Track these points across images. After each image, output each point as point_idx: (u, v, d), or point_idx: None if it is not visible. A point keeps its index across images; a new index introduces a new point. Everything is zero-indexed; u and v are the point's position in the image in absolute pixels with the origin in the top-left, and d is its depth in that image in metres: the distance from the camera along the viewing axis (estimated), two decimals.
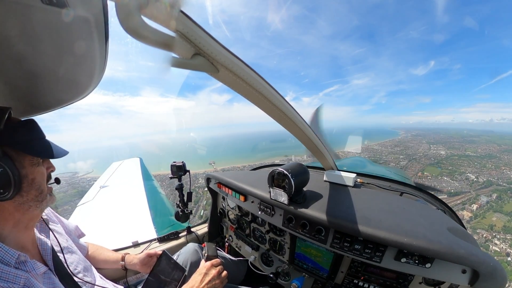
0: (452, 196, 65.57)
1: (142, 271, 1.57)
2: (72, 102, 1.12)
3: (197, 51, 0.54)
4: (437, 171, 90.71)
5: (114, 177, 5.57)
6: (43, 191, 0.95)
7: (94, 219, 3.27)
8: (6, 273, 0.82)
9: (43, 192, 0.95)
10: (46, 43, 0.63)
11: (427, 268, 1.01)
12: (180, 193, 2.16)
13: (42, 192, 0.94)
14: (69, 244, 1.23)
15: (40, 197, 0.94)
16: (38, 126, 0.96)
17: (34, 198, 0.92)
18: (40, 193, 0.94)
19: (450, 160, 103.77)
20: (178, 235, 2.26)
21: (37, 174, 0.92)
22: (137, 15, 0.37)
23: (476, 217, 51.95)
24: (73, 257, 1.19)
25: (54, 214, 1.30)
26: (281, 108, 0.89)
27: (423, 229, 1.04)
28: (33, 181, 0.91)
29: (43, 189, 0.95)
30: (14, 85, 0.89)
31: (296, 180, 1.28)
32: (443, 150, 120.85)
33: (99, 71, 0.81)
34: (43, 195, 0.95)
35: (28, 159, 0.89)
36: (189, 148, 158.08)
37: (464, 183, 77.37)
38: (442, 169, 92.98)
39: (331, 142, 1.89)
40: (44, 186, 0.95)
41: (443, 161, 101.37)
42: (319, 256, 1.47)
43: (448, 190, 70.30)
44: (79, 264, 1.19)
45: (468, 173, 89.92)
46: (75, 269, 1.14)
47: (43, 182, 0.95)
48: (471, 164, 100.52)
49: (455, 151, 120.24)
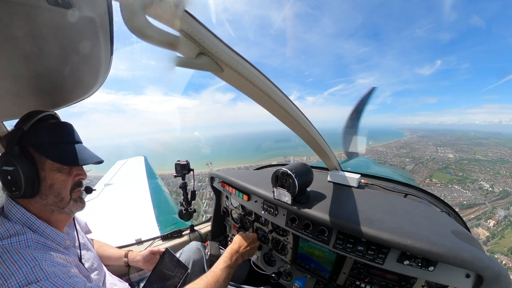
0: (465, 208, 56.82)
1: (144, 268, 1.58)
2: (78, 101, 1.13)
3: (201, 51, 0.54)
4: (447, 177, 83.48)
5: (118, 175, 5.62)
6: (63, 198, 0.93)
7: (98, 217, 3.31)
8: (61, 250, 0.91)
9: (64, 200, 0.94)
10: (52, 43, 0.64)
11: (430, 271, 1.00)
12: (184, 191, 2.17)
13: (62, 200, 0.93)
14: (85, 241, 1.26)
15: (60, 203, 0.93)
16: (69, 130, 0.95)
17: (54, 203, 0.92)
18: (60, 200, 0.93)
19: (460, 165, 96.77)
20: (181, 234, 2.27)
21: (56, 180, 0.91)
22: (141, 15, 0.37)
23: (494, 237, 43.18)
24: (89, 254, 1.21)
25: None
26: (285, 108, 0.89)
27: (426, 231, 1.03)
28: (52, 186, 0.90)
29: (64, 196, 0.93)
30: (22, 84, 0.90)
31: (300, 180, 1.28)
32: (451, 153, 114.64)
33: (104, 70, 0.82)
34: (63, 202, 0.94)
35: (49, 163, 0.89)
36: (193, 147, 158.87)
37: (478, 193, 66.11)
38: (452, 175, 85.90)
39: (336, 142, 1.89)
40: (65, 193, 0.94)
41: (452, 166, 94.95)
42: (322, 256, 1.46)
43: (460, 201, 60.29)
44: (95, 261, 1.21)
45: (481, 180, 79.32)
46: (91, 266, 1.16)
47: (64, 190, 0.93)
48: (483, 170, 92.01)
49: (464, 155, 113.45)
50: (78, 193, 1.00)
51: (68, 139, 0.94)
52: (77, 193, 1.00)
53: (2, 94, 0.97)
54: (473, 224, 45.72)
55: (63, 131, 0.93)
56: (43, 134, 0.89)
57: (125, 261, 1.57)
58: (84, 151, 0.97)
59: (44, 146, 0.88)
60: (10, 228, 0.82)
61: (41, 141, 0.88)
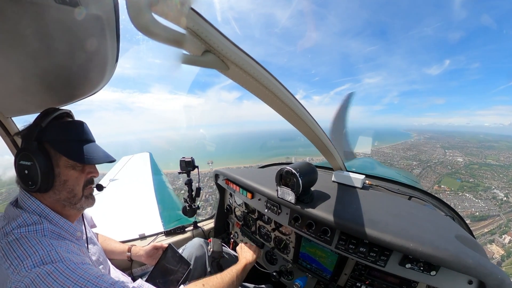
0: (477, 221, 51.02)
1: (147, 263, 1.60)
2: (85, 97, 1.15)
3: (207, 48, 0.54)
4: (456, 184, 76.80)
5: (124, 171, 5.68)
6: (76, 194, 0.97)
7: (102, 211, 3.36)
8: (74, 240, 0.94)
9: (76, 196, 0.97)
10: (59, 40, 0.65)
11: (432, 275, 0.98)
12: (189, 188, 2.18)
13: (75, 196, 0.97)
14: (92, 235, 1.29)
15: (73, 199, 0.96)
16: (84, 129, 0.98)
17: (67, 199, 0.95)
18: (72, 196, 0.96)
19: (470, 170, 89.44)
20: (185, 230, 2.29)
21: (70, 177, 0.94)
22: (147, 13, 0.37)
23: (510, 255, 37.12)
24: (95, 248, 1.24)
25: None
26: (291, 106, 0.88)
27: (430, 235, 1.02)
28: (66, 182, 0.93)
29: (76, 193, 0.97)
30: (30, 81, 0.92)
31: (304, 180, 1.27)
32: (460, 156, 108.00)
33: (111, 67, 0.83)
34: (76, 198, 0.97)
35: (64, 160, 0.92)
36: (198, 144, 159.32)
37: (491, 202, 59.99)
38: (462, 181, 79.19)
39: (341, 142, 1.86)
40: (77, 190, 0.97)
41: (461, 171, 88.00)
42: (324, 257, 1.46)
43: (471, 212, 54.21)
44: (100, 255, 1.24)
45: (495, 188, 72.85)
46: (98, 259, 1.19)
47: (77, 186, 0.97)
48: (496, 176, 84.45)
49: (474, 158, 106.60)
50: (89, 190, 1.04)
51: (83, 138, 0.97)
52: (89, 190, 1.03)
53: (10, 91, 0.99)
54: (486, 240, 42.51)
55: (78, 130, 0.96)
56: (60, 132, 0.92)
57: (128, 255, 1.59)
58: (98, 150, 1.00)
59: (60, 143, 0.91)
60: (28, 218, 0.85)
61: (58, 138, 0.91)
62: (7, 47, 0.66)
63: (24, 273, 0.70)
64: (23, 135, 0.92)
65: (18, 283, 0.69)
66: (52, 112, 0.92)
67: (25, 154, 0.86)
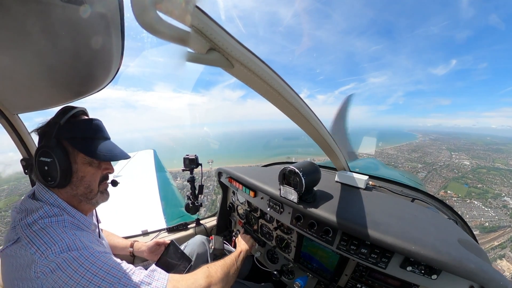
0: (487, 232, 46.76)
1: (149, 259, 1.61)
2: (90, 94, 1.16)
3: (212, 46, 0.54)
4: (464, 189, 71.71)
5: (127, 167, 5.72)
6: (92, 190, 1.00)
7: (105, 207, 3.39)
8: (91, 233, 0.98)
9: (93, 191, 1.01)
10: (65, 38, 0.66)
11: (432, 279, 0.97)
12: (192, 185, 2.19)
13: (91, 191, 1.00)
14: (99, 230, 1.31)
15: (89, 195, 1.00)
16: (100, 127, 1.01)
17: (83, 194, 0.99)
18: (89, 192, 1.00)
19: (478, 174, 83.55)
20: (187, 227, 2.30)
21: (87, 173, 0.97)
22: (152, 11, 0.37)
23: None
24: (104, 242, 1.27)
25: None
26: (295, 105, 0.88)
27: (432, 238, 1.00)
28: (83, 178, 0.97)
29: (93, 188, 1.00)
30: (36, 79, 0.93)
31: (307, 179, 1.27)
32: (466, 159, 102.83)
33: (116, 64, 0.83)
34: (92, 193, 1.01)
35: (81, 156, 0.95)
36: (202, 142, 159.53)
37: (502, 211, 54.13)
38: (470, 187, 73.84)
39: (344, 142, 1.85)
40: (94, 185, 1.01)
41: (469, 175, 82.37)
42: (325, 257, 1.46)
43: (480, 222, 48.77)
44: (107, 249, 1.26)
45: (505, 195, 66.48)
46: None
47: (93, 182, 1.00)
48: (505, 182, 78.19)
49: (481, 162, 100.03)
50: (104, 185, 1.08)
51: (100, 135, 0.99)
52: (104, 186, 1.07)
53: (17, 88, 1.00)
54: (496, 255, 38.51)
55: (95, 128, 0.99)
56: (78, 130, 0.94)
57: (131, 251, 1.61)
58: (114, 148, 1.03)
59: (78, 140, 0.94)
60: (49, 210, 0.88)
61: (76, 136, 0.93)
62: (14, 45, 0.67)
63: (52, 257, 0.74)
64: (42, 132, 0.95)
65: (44, 267, 0.72)
66: (69, 110, 0.94)
67: (45, 151, 0.89)
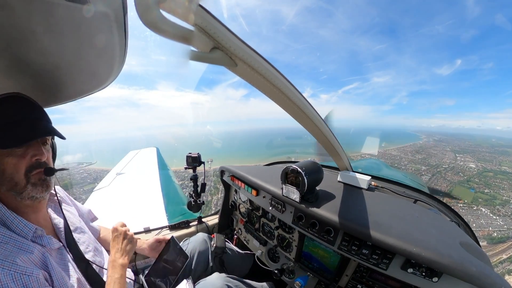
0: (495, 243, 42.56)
1: (150, 256, 1.62)
2: (92, 93, 1.17)
3: (215, 45, 0.53)
4: (470, 194, 66.85)
5: (130, 165, 5.76)
6: (17, 183, 0.85)
7: (109, 204, 3.41)
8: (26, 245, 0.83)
9: (18, 184, 0.86)
10: (69, 37, 0.67)
11: (433, 282, 0.96)
12: (194, 183, 2.20)
13: (16, 184, 0.85)
14: (81, 225, 1.27)
15: (16, 188, 0.86)
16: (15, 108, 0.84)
17: (11, 189, 0.86)
18: (14, 185, 0.85)
19: (484, 178, 78.19)
20: (189, 224, 2.32)
21: (6, 165, 0.83)
22: (155, 9, 0.37)
23: None
24: (85, 237, 1.22)
25: (68, 197, 1.35)
26: (299, 104, 0.87)
27: (434, 240, 1.00)
28: (4, 172, 0.83)
29: (18, 180, 0.85)
30: (40, 77, 0.93)
31: (310, 179, 1.27)
32: (472, 162, 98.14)
33: (119, 63, 0.84)
34: (19, 186, 0.86)
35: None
36: (205, 140, 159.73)
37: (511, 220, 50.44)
38: (476, 192, 69.21)
39: (348, 143, 1.84)
40: (18, 177, 0.85)
41: (475, 179, 77.08)
42: (326, 257, 1.46)
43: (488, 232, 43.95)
44: (90, 244, 1.23)
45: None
46: (86, 248, 1.18)
47: (16, 174, 0.85)
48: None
49: (487, 165, 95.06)
50: (37, 175, 0.90)
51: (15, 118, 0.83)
52: (37, 176, 0.90)
53: (21, 87, 1.01)
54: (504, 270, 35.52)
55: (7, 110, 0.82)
56: None
57: None
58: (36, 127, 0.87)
59: None
60: None
61: None
62: (18, 44, 0.68)
63: None
64: None
65: None
66: None
67: None
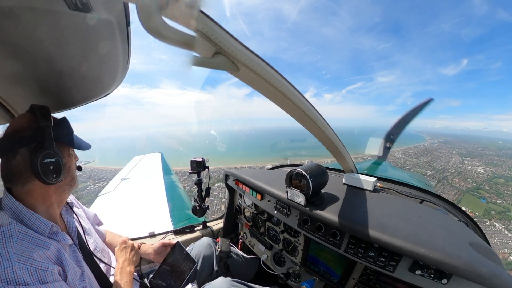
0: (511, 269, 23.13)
1: (155, 260, 1.62)
2: (98, 99, 1.18)
3: (217, 50, 0.54)
4: (481, 205, 55.60)
5: (135, 170, 5.80)
6: (74, 177, 1.10)
7: (114, 209, 3.43)
8: (42, 241, 0.90)
9: (74, 178, 1.10)
10: (73, 45, 0.68)
11: (443, 284, 0.94)
12: (199, 188, 2.20)
13: (73, 178, 1.10)
14: (89, 227, 1.33)
15: (72, 182, 1.09)
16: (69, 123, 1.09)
17: (68, 183, 1.07)
18: (72, 179, 1.09)
19: (495, 186, 67.77)
20: (194, 229, 2.31)
21: (72, 163, 1.08)
22: (157, 16, 0.37)
23: None
24: (93, 238, 1.29)
25: (76, 201, 1.40)
26: (301, 107, 0.87)
27: (442, 241, 0.98)
28: (70, 168, 1.07)
29: (74, 176, 1.10)
30: (46, 84, 0.95)
31: (314, 182, 1.26)
32: (480, 166, 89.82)
33: (123, 69, 0.85)
34: (74, 180, 1.10)
35: (66, 150, 1.05)
36: (209, 144, 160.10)
37: None
38: (488, 202, 58.21)
39: (351, 144, 1.82)
40: (75, 173, 1.11)
41: (485, 186, 67.61)
42: (332, 260, 1.44)
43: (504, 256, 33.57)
44: (98, 245, 1.28)
45: None
46: (94, 248, 1.24)
47: (74, 171, 1.11)
48: None
49: (497, 170, 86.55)
50: None
51: (72, 130, 1.10)
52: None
53: (28, 94, 1.03)
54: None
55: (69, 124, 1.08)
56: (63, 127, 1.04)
57: None
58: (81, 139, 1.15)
59: (66, 137, 1.04)
60: None
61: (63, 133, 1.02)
62: (25, 52, 0.69)
63: None
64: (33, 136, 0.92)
65: None
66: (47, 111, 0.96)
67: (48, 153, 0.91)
